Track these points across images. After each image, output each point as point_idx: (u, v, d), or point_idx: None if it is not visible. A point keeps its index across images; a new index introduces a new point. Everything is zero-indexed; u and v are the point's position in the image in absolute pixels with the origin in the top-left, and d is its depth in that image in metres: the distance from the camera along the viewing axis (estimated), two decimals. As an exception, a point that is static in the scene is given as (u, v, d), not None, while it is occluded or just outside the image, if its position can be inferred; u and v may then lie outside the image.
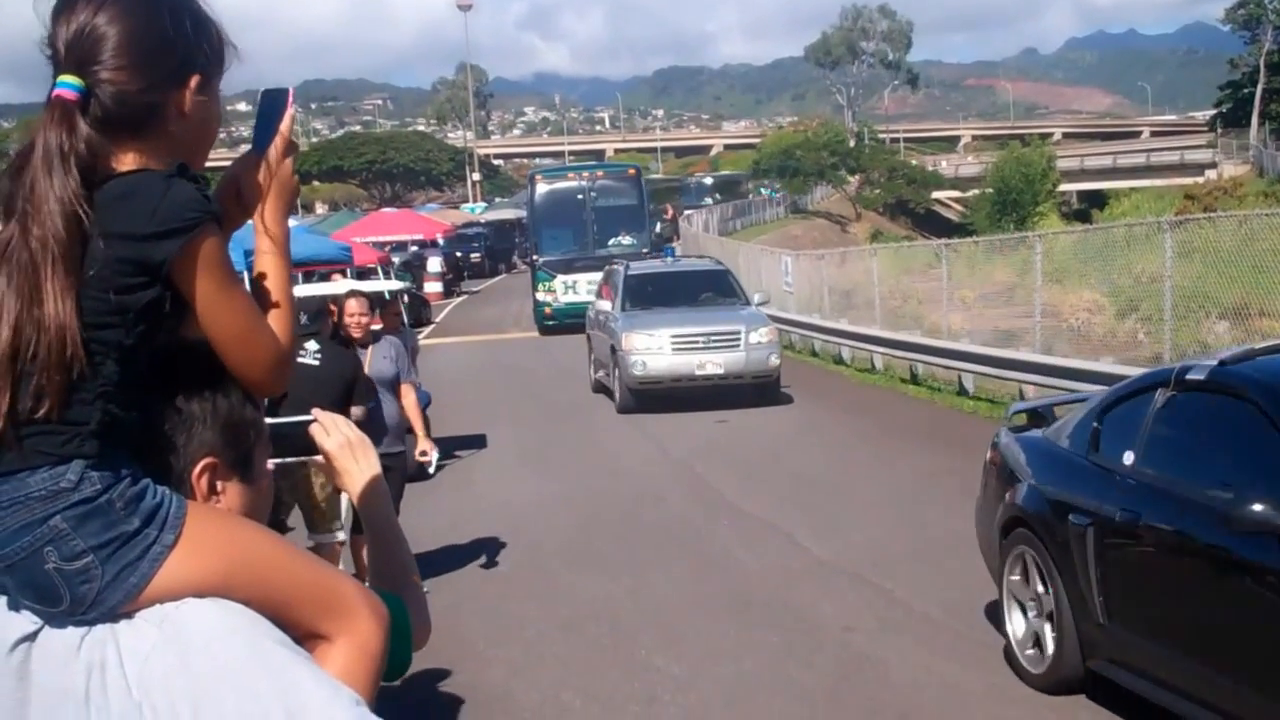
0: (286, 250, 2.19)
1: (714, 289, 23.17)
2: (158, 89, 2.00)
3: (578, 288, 35.44)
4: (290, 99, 2.21)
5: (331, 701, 1.91)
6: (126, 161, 1.98)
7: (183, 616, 1.94)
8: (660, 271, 25.28)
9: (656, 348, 20.41)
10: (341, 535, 9.32)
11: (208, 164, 2.13)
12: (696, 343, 20.58)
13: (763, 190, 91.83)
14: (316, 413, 2.55)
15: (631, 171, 40.88)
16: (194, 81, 2.04)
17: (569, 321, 34.49)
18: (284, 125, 2.18)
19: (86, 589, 1.91)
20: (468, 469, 16.58)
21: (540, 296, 36.55)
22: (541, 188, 38.91)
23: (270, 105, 2.20)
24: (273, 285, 2.15)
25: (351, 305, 10.09)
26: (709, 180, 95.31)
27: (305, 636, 2.02)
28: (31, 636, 1.96)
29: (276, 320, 2.11)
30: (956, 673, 8.26)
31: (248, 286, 2.10)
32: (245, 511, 2.12)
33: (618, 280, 23.14)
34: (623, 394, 20.80)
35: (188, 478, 2.06)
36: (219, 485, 2.10)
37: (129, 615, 1.94)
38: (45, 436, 1.91)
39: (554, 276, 36.17)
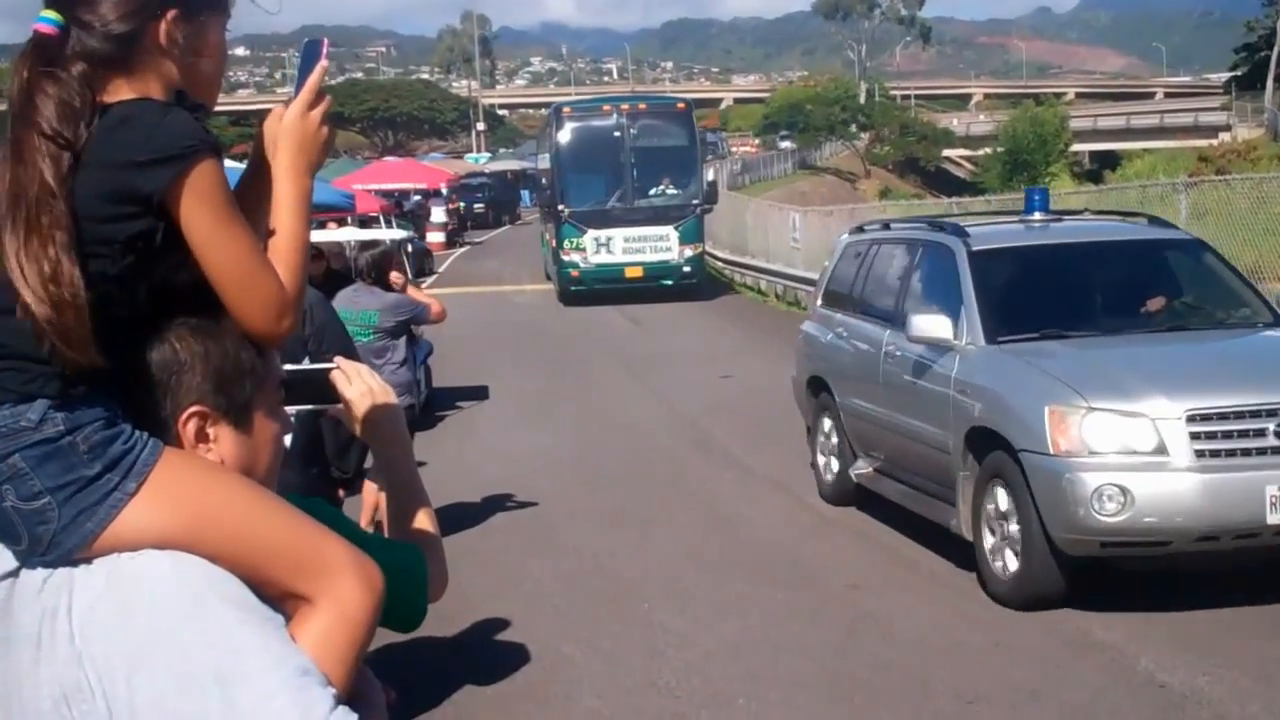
0: (306, 203, 2.15)
1: (1176, 284, 10.89)
2: (130, 19, 1.98)
3: (613, 246, 30.69)
4: (324, 50, 2.21)
5: (271, 669, 1.85)
6: (124, 96, 1.98)
7: (133, 567, 1.91)
8: (1048, 245, 11.20)
9: (1150, 450, 8.36)
10: None
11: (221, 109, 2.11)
12: (1259, 429, 8.36)
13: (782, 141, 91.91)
14: (339, 360, 2.53)
15: (681, 106, 34.05)
16: (171, 14, 2.02)
17: (601, 288, 30.63)
18: (312, 77, 2.16)
19: (43, 530, 1.89)
20: (469, 420, 16.59)
21: (567, 256, 31.02)
22: (569, 124, 32.51)
23: (306, 56, 2.21)
24: (286, 233, 2.10)
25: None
26: None
27: (284, 597, 1.98)
28: (14, 573, 1.96)
29: (284, 265, 2.07)
30: (964, 631, 8.27)
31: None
32: (242, 462, 2.07)
33: (950, 268, 10.32)
34: (1037, 565, 8.56)
35: (174, 424, 2.02)
36: (210, 434, 2.05)
37: (88, 561, 1.92)
38: (10, 373, 1.90)
39: (584, 232, 30.78)
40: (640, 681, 7.62)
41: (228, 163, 2.12)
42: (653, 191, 31.69)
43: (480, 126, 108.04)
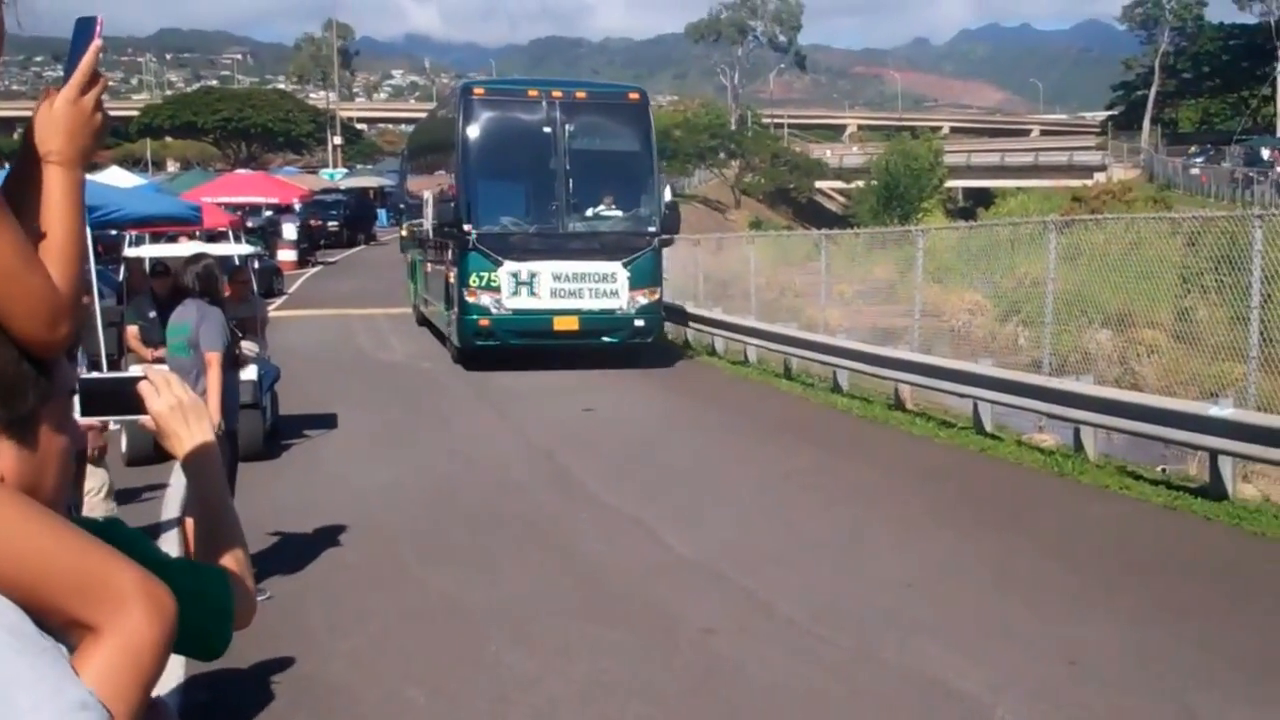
0: (79, 195, 2.08)
1: None
2: None
3: (538, 286, 23.40)
4: (98, 28, 2.14)
5: (46, 702, 1.78)
6: None
7: None
8: None
9: None
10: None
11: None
12: None
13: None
14: (146, 369, 2.51)
15: (633, 96, 25.55)
16: None
17: (519, 344, 23.63)
18: (86, 59, 2.09)
19: None
20: (316, 450, 16.43)
21: (474, 298, 23.37)
22: (481, 111, 24.26)
23: (79, 35, 2.13)
24: (58, 229, 2.03)
25: None
26: None
27: (69, 626, 1.91)
28: None
29: (57, 265, 2.01)
30: (818, 678, 8.35)
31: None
32: (25, 479, 1.99)
33: None
34: None
35: None
36: None
37: None
38: None
39: (498, 264, 23.28)
40: (485, 726, 7.61)
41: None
42: (592, 212, 24.25)
43: (337, 140, 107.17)
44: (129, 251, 18.88)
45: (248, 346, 15.38)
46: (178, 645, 2.30)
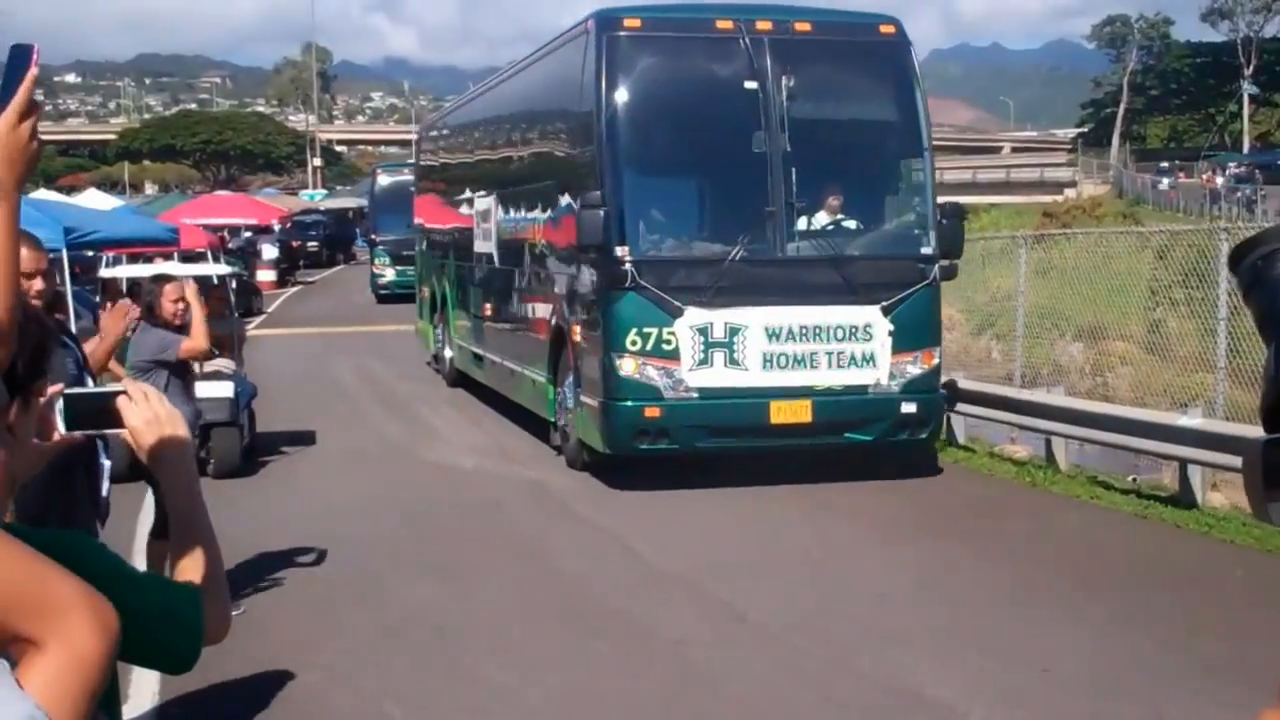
0: (14, 220, 2.09)
1: None
2: None
3: (742, 349, 13.96)
4: (35, 57, 2.14)
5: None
6: None
7: None
8: None
9: None
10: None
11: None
12: None
13: None
14: (126, 383, 2.50)
15: (887, 29, 15.40)
16: None
17: (713, 447, 14.47)
18: (23, 86, 2.09)
19: None
20: (293, 466, 16.36)
21: (631, 370, 13.89)
22: (637, 57, 14.64)
23: (15, 63, 2.13)
24: None
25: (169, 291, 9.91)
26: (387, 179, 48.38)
27: (11, 640, 1.89)
28: None
29: None
30: (790, 687, 8.33)
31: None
32: None
33: None
34: None
35: None
36: None
37: None
38: None
39: (677, 312, 13.84)
40: (461, 738, 7.56)
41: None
42: (829, 224, 14.69)
43: (317, 162, 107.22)
44: (105, 272, 18.86)
45: (223, 364, 15.42)
46: (148, 659, 2.29)
